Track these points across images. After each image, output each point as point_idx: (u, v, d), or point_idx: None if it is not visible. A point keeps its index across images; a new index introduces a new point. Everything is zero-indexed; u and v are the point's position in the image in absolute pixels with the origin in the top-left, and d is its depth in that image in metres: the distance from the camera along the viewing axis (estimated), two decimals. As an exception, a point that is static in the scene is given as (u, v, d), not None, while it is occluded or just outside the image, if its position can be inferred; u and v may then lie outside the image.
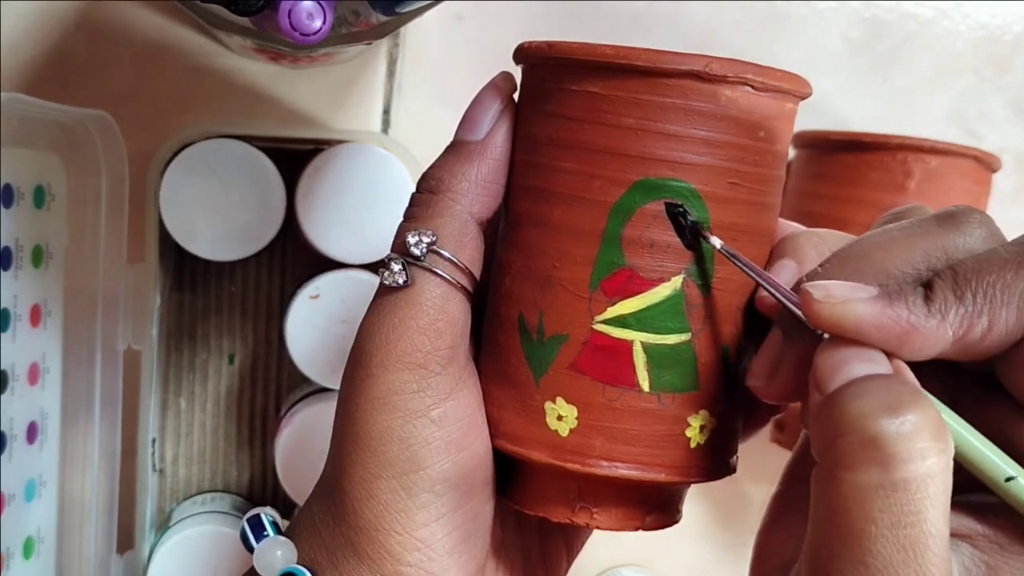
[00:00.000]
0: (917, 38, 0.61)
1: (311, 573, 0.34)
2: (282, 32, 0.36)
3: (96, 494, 0.51)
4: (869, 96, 0.60)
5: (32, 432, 0.48)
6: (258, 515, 0.35)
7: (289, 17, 0.35)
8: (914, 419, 0.27)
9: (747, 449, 0.60)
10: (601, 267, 0.33)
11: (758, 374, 0.32)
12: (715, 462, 0.35)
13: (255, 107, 0.54)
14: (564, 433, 0.33)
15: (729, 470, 0.36)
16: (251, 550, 0.35)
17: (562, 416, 0.33)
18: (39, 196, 0.47)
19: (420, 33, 0.55)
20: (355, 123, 0.55)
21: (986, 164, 0.53)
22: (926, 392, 0.28)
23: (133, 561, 0.53)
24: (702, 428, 0.34)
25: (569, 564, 0.40)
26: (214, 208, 0.50)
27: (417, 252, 0.33)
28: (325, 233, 0.51)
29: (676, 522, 0.36)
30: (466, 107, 0.35)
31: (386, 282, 0.34)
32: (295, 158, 0.52)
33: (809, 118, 0.59)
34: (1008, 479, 0.28)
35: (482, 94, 0.35)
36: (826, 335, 0.30)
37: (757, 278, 0.32)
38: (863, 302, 0.29)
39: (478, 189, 0.34)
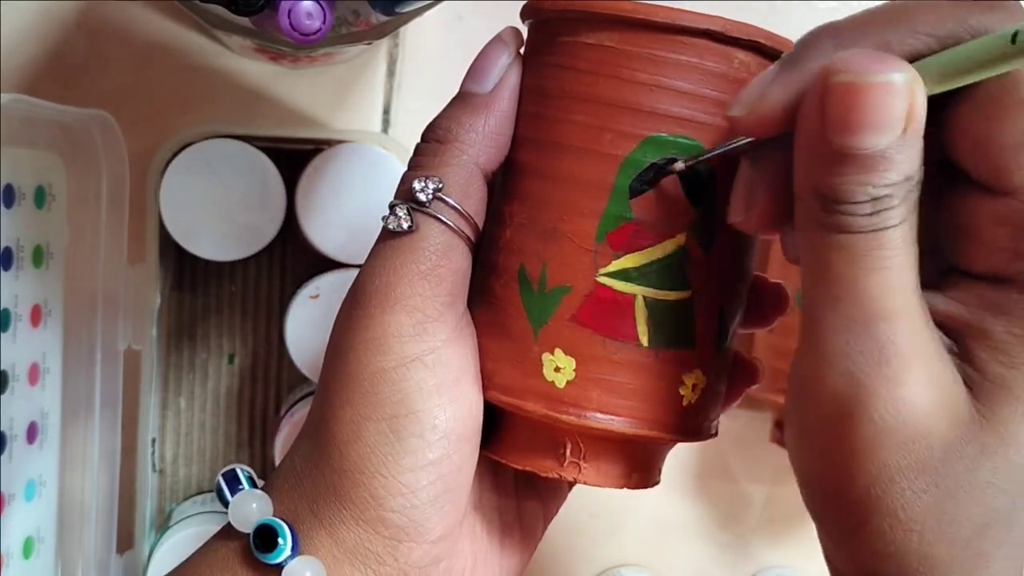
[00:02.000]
0: (917, 38, 0.60)
1: (288, 524, 0.33)
2: (282, 32, 0.36)
3: (96, 494, 0.51)
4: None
5: (32, 432, 0.48)
6: (233, 469, 0.35)
7: (289, 17, 0.35)
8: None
9: (747, 449, 0.60)
10: (608, 220, 0.33)
11: (736, 207, 0.32)
12: (702, 423, 0.35)
13: (255, 107, 0.54)
14: (561, 385, 0.33)
15: (711, 433, 0.36)
16: (226, 504, 0.34)
17: (560, 368, 0.33)
18: (40, 196, 0.47)
19: (420, 33, 0.55)
20: (355, 123, 0.55)
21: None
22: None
23: (133, 561, 0.53)
24: (694, 387, 0.34)
25: (546, 524, 0.40)
26: (214, 208, 0.50)
27: (423, 198, 0.33)
28: (325, 233, 0.51)
29: (657, 483, 0.37)
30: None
31: (390, 227, 0.34)
32: (295, 158, 0.52)
33: (809, 118, 0.59)
34: (1014, 37, 0.26)
35: (489, 47, 0.35)
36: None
37: (717, 152, 0.32)
38: (772, 84, 0.29)
39: (485, 141, 0.34)
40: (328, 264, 0.52)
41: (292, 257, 0.56)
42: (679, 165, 0.32)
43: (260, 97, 0.54)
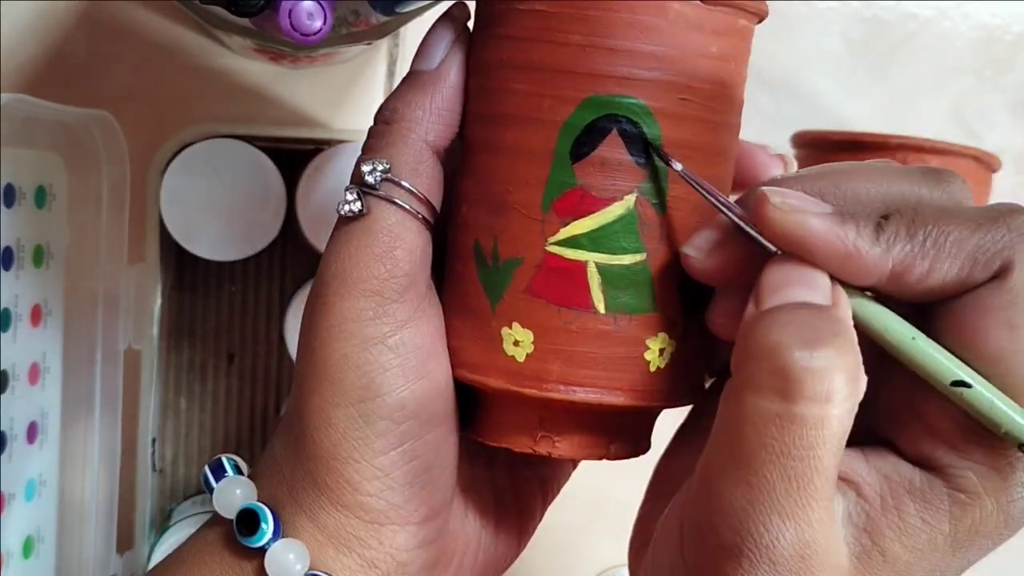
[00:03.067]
0: (917, 38, 0.61)
1: (270, 509, 0.33)
2: (282, 32, 0.36)
3: (96, 494, 0.51)
4: (869, 96, 0.60)
5: (32, 432, 0.48)
6: (219, 458, 0.35)
7: (289, 17, 0.35)
8: (828, 356, 0.27)
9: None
10: (552, 187, 0.32)
11: (696, 244, 0.32)
12: (678, 386, 0.34)
13: (255, 107, 0.54)
14: (521, 358, 0.33)
15: (689, 398, 0.35)
16: (211, 492, 0.34)
17: (519, 341, 0.33)
18: (40, 196, 0.47)
19: (420, 33, 0.55)
20: (355, 123, 0.55)
21: (986, 164, 0.53)
22: (872, 304, 0.29)
23: (133, 561, 0.53)
24: (661, 351, 0.33)
25: (545, 507, 0.40)
26: (214, 208, 0.51)
27: (371, 180, 0.33)
28: (325, 233, 0.51)
29: (644, 452, 0.36)
30: None
31: (341, 212, 0.34)
32: (295, 158, 0.52)
33: (809, 118, 0.60)
34: (954, 383, 0.29)
35: (435, 24, 0.35)
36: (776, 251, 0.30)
37: (711, 198, 0.32)
38: (815, 215, 0.29)
39: (432, 117, 0.34)
40: (328, 264, 0.52)
41: (292, 257, 0.56)
42: (676, 165, 0.32)
43: (260, 97, 0.54)
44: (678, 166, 0.32)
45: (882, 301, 0.30)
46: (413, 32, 0.55)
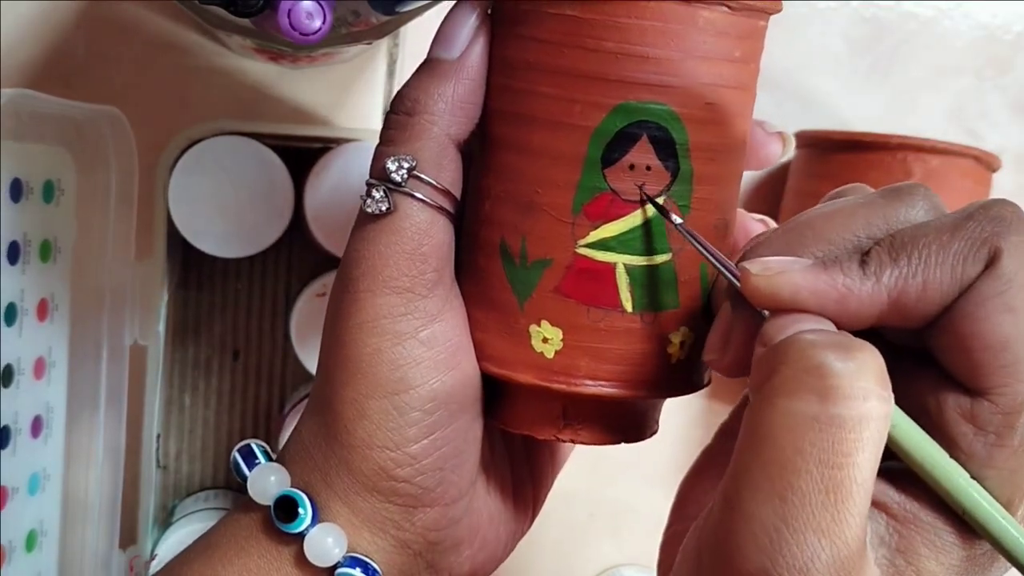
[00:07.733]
0: (917, 38, 0.60)
1: (307, 495, 0.34)
2: (282, 32, 0.36)
3: (100, 489, 0.51)
4: (869, 96, 0.60)
5: (37, 426, 0.49)
6: (248, 444, 0.36)
7: (289, 17, 0.36)
8: (862, 359, 0.27)
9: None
10: (583, 192, 0.33)
11: (712, 348, 0.32)
12: (692, 376, 0.35)
13: (255, 107, 0.55)
14: (550, 355, 0.34)
15: (704, 383, 0.36)
16: (244, 479, 0.35)
17: (547, 339, 0.34)
18: (48, 191, 0.48)
19: (420, 33, 0.55)
20: (356, 123, 0.56)
21: (986, 164, 0.53)
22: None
23: (135, 557, 0.53)
24: (682, 344, 0.34)
25: (553, 477, 0.41)
26: (222, 205, 0.51)
27: (398, 178, 0.33)
28: (332, 231, 0.52)
29: (653, 434, 0.37)
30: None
31: (368, 209, 0.34)
32: (303, 156, 0.52)
33: (809, 118, 0.60)
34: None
35: (456, 10, 0.35)
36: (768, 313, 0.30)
37: (707, 255, 0.32)
38: (799, 271, 0.30)
39: (454, 110, 0.34)
40: (334, 262, 0.53)
41: (299, 255, 0.56)
42: (675, 219, 0.32)
43: (260, 97, 0.55)
44: (677, 220, 0.32)
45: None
46: (413, 32, 0.55)
